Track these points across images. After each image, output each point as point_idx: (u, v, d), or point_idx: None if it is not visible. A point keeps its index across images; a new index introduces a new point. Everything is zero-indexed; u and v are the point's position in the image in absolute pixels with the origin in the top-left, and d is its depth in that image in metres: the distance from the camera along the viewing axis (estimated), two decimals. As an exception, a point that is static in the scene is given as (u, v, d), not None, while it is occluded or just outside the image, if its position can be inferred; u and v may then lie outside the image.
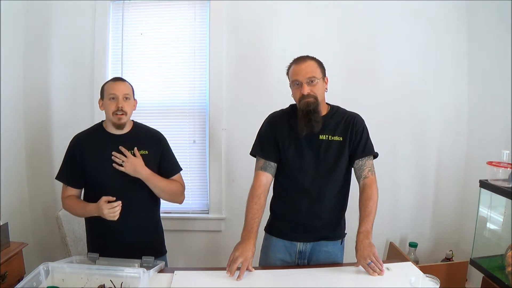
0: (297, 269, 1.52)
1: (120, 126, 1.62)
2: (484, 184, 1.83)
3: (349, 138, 1.56)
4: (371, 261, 1.39)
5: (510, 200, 1.70)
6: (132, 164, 1.58)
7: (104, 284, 1.29)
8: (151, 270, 1.40)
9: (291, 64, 1.58)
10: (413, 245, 2.39)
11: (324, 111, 1.58)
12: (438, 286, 1.26)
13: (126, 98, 1.61)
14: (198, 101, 2.54)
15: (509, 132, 2.05)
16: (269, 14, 2.46)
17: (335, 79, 2.46)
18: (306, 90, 1.49)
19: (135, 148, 1.64)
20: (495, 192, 1.77)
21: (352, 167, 1.61)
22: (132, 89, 1.69)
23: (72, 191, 1.66)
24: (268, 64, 2.46)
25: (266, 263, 1.62)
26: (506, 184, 1.72)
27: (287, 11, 2.45)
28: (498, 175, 1.78)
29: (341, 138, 1.56)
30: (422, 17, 2.46)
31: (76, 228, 2.16)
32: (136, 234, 1.65)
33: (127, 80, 1.68)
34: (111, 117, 1.60)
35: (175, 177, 1.76)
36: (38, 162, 2.54)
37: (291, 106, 1.66)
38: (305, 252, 1.61)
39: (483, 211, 1.92)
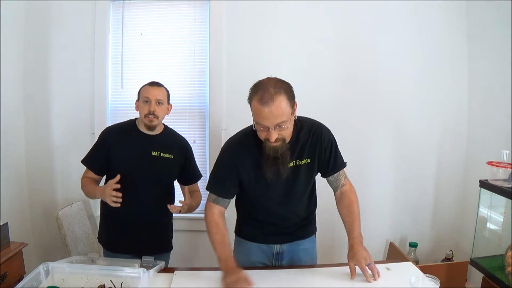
0: (296, 269, 1.52)
1: (151, 128, 1.72)
2: (484, 184, 1.83)
3: (318, 157, 1.47)
4: (370, 262, 1.39)
5: (510, 200, 1.70)
6: (188, 207, 1.67)
7: (104, 284, 1.29)
8: (151, 270, 1.40)
9: (254, 95, 1.28)
10: (413, 245, 2.39)
11: (289, 137, 1.39)
12: (438, 286, 1.26)
13: (159, 103, 1.70)
14: (198, 101, 2.54)
15: (509, 132, 2.05)
16: (269, 14, 2.46)
17: (333, 80, 2.48)
18: (274, 137, 1.27)
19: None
20: (495, 192, 1.76)
21: (324, 178, 1.56)
22: (168, 94, 1.77)
23: (92, 174, 1.76)
24: (268, 64, 2.45)
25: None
26: (506, 184, 1.72)
27: (287, 11, 2.45)
28: (498, 175, 1.78)
29: (308, 160, 1.46)
30: (422, 18, 2.46)
31: (76, 228, 2.16)
32: (148, 228, 1.74)
33: (163, 85, 1.76)
34: (143, 119, 1.70)
35: (194, 185, 1.90)
36: (38, 162, 2.54)
37: (252, 129, 1.40)
38: (282, 253, 1.58)
39: (483, 211, 1.92)
